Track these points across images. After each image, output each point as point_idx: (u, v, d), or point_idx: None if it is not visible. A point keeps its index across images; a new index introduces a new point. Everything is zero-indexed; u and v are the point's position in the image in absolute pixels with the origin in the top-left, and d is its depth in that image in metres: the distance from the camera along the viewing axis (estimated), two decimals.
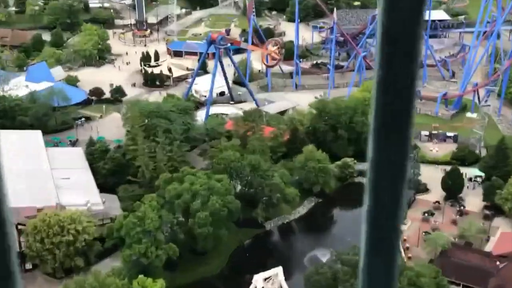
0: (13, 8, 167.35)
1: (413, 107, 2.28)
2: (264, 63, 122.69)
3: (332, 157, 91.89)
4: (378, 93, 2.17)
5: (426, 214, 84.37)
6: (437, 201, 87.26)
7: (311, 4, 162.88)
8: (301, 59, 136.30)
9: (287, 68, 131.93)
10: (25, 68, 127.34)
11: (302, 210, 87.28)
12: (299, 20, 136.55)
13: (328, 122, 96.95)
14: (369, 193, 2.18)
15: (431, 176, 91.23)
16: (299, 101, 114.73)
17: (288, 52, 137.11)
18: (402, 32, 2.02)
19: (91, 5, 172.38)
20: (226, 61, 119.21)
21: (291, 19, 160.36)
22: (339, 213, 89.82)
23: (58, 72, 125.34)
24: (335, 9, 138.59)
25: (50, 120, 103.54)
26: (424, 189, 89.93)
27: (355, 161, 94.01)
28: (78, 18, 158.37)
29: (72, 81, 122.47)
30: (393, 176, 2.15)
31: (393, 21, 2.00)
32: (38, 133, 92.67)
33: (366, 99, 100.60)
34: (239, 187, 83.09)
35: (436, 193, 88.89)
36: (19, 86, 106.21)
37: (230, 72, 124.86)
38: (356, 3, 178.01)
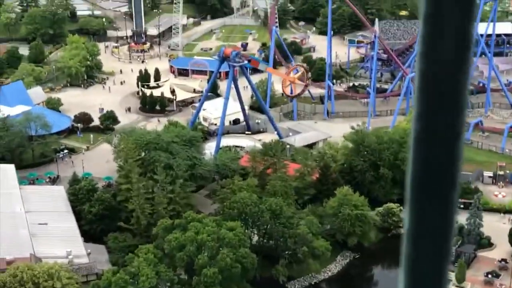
0: None
1: (459, 165, 2.35)
2: (286, 94, 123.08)
3: (372, 202, 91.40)
4: (416, 148, 2.20)
5: (489, 276, 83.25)
6: (503, 259, 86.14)
7: (347, 13, 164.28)
8: (334, 81, 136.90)
9: (317, 91, 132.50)
10: None
11: (334, 268, 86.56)
12: (332, 33, 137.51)
13: (367, 158, 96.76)
14: (405, 272, 2.24)
15: (496, 227, 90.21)
16: (332, 132, 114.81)
17: (319, 72, 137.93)
18: (443, 81, 2.06)
19: (78, 13, 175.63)
20: (242, 82, 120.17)
21: (322, 32, 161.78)
22: (381, 273, 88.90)
23: (37, 93, 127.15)
24: (376, 20, 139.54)
25: (26, 152, 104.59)
26: (488, 244, 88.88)
27: (401, 208, 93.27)
28: (63, 28, 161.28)
29: (54, 105, 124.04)
30: (435, 253, 2.20)
31: (433, 67, 2.04)
32: (10, 168, 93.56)
33: None
34: (256, 238, 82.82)
35: (502, 249, 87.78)
36: None
37: (247, 95, 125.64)
38: (403, 13, 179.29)
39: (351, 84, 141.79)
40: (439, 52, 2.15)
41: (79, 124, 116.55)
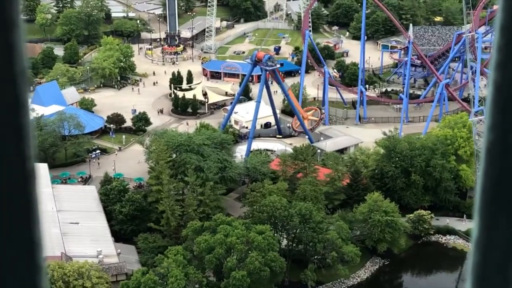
0: (21, 16, 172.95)
1: None
2: (293, 127, 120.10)
3: (403, 209, 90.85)
4: (488, 159, 2.21)
5: None
6: None
7: (381, 18, 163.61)
8: (367, 86, 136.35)
9: (349, 96, 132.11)
10: (31, 88, 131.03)
11: (363, 273, 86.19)
12: (365, 38, 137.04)
13: (398, 164, 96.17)
14: (473, 282, 2.24)
15: None
16: (363, 137, 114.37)
17: (351, 77, 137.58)
18: None
19: (113, 15, 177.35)
20: (274, 86, 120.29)
21: (356, 36, 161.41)
22: (410, 280, 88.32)
23: (71, 93, 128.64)
24: (411, 25, 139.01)
25: (59, 151, 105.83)
26: None
27: (432, 215, 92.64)
28: (98, 29, 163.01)
29: (88, 105, 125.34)
30: (504, 264, 2.19)
31: (509, 77, 2.03)
32: (43, 167, 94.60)
33: (447, 138, 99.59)
34: (285, 242, 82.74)
35: None
36: None
37: (279, 99, 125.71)
38: (438, 19, 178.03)
39: (383, 89, 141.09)
40: None
41: (111, 125, 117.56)
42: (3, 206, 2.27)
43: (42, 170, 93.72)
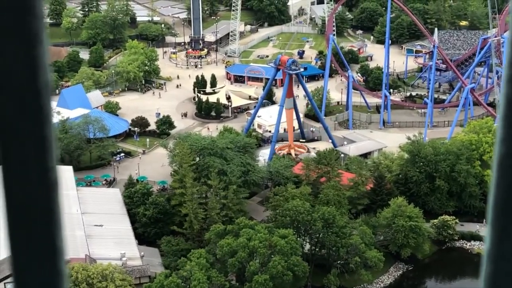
0: (47, 20, 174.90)
1: None
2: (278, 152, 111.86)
3: (427, 214, 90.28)
4: (500, 172, 2.19)
5: None
6: None
7: (406, 22, 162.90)
8: (391, 90, 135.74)
9: (373, 100, 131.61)
10: (57, 91, 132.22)
11: (386, 279, 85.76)
12: (390, 42, 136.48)
13: (423, 169, 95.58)
14: None
15: None
16: (387, 142, 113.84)
17: (375, 81, 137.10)
18: None
19: (138, 19, 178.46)
20: (297, 90, 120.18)
21: (380, 40, 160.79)
22: (434, 286, 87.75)
23: (96, 97, 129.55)
24: (436, 29, 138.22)
25: (84, 154, 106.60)
26: None
27: (457, 220, 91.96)
28: (123, 33, 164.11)
29: (112, 109, 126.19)
30: None
31: None
32: (68, 170, 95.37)
33: (472, 143, 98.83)
34: (308, 246, 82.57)
35: None
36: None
37: (302, 103, 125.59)
38: (463, 23, 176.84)
39: (408, 94, 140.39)
40: None
41: (136, 128, 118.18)
42: (27, 215, 2.36)
43: (67, 172, 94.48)
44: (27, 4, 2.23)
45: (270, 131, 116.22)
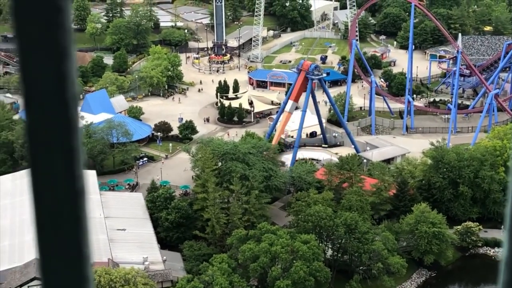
0: (72, 26, 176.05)
1: None
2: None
3: (450, 220, 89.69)
4: None
5: None
6: None
7: (429, 28, 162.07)
8: (414, 96, 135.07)
9: (396, 106, 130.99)
10: (81, 96, 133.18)
11: (409, 285, 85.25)
12: (413, 47, 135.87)
13: (446, 175, 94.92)
14: None
15: None
16: (410, 147, 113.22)
17: (399, 87, 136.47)
18: None
19: (161, 24, 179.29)
20: (320, 95, 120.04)
21: (403, 46, 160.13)
22: None
23: (120, 102, 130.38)
24: (459, 34, 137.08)
25: (107, 158, 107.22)
26: None
27: (481, 227, 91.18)
28: (146, 39, 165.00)
29: (136, 113, 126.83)
30: None
31: None
32: (91, 174, 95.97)
33: (496, 149, 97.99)
34: (330, 252, 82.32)
35: None
36: None
37: (325, 108, 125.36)
38: (487, 28, 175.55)
39: (431, 99, 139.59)
40: None
41: (158, 133, 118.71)
42: (55, 222, 2.44)
43: (91, 177, 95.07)
44: (55, 18, 2.29)
45: (292, 136, 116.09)
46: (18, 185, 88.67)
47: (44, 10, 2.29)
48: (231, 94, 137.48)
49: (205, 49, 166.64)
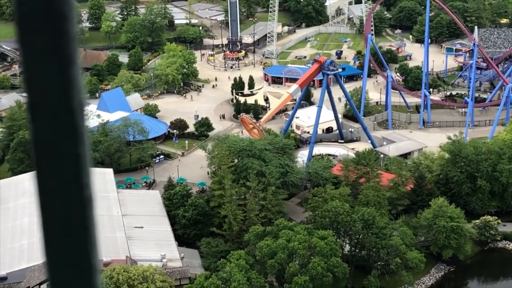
0: (87, 24, 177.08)
1: None
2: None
3: (468, 214, 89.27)
4: None
5: None
6: None
7: (445, 21, 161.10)
8: (431, 90, 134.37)
9: (413, 100, 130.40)
10: (97, 95, 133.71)
11: (428, 280, 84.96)
12: (429, 41, 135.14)
13: (464, 169, 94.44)
14: None
15: None
16: (427, 142, 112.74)
17: (415, 81, 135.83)
18: None
19: (176, 22, 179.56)
20: (336, 90, 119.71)
21: (419, 40, 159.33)
22: (476, 287, 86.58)
23: (136, 100, 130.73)
24: (476, 27, 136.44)
25: (124, 156, 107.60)
26: None
27: (499, 221, 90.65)
28: (161, 36, 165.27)
29: (151, 111, 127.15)
30: None
31: None
32: (109, 172, 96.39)
33: None
34: (347, 247, 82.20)
35: None
36: (90, 116, 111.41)
37: (341, 104, 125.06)
38: (504, 21, 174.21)
39: (448, 93, 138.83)
40: None
41: (174, 130, 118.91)
42: (62, 231, 2.43)
43: (108, 175, 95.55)
44: (60, 26, 2.29)
45: (308, 132, 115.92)
46: None
47: (48, 17, 2.29)
48: (246, 91, 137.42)
49: (220, 46, 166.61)
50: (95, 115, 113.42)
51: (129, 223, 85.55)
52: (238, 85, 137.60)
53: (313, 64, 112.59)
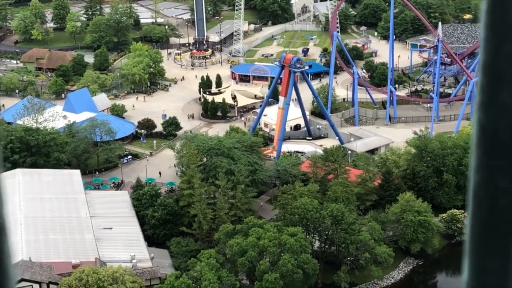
0: (51, 25, 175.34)
1: None
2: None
3: (435, 209, 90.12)
4: (475, 201, 2.16)
5: None
6: None
7: (409, 17, 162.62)
8: (396, 86, 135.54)
9: (379, 96, 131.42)
10: (63, 95, 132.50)
11: (397, 274, 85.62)
12: (394, 37, 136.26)
13: (430, 164, 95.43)
14: None
15: None
16: (394, 137, 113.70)
17: (380, 77, 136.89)
18: (505, 132, 2.03)
19: (142, 21, 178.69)
20: (303, 88, 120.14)
21: (384, 36, 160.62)
22: (445, 280, 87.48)
23: (102, 100, 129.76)
24: (440, 23, 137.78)
25: (91, 157, 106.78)
26: None
27: (466, 214, 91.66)
28: (127, 36, 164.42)
29: (118, 111, 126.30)
30: None
31: (493, 119, 1.98)
32: (76, 173, 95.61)
33: None
34: (317, 244, 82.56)
35: None
36: (56, 117, 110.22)
37: (308, 101, 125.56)
38: (467, 16, 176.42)
39: (413, 89, 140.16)
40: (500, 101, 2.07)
41: (142, 130, 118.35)
42: None
43: (75, 176, 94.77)
44: None
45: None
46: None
47: None
48: (214, 89, 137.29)
49: (187, 44, 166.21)
50: (61, 116, 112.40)
51: (98, 224, 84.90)
52: (205, 84, 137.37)
53: (283, 70, 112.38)
